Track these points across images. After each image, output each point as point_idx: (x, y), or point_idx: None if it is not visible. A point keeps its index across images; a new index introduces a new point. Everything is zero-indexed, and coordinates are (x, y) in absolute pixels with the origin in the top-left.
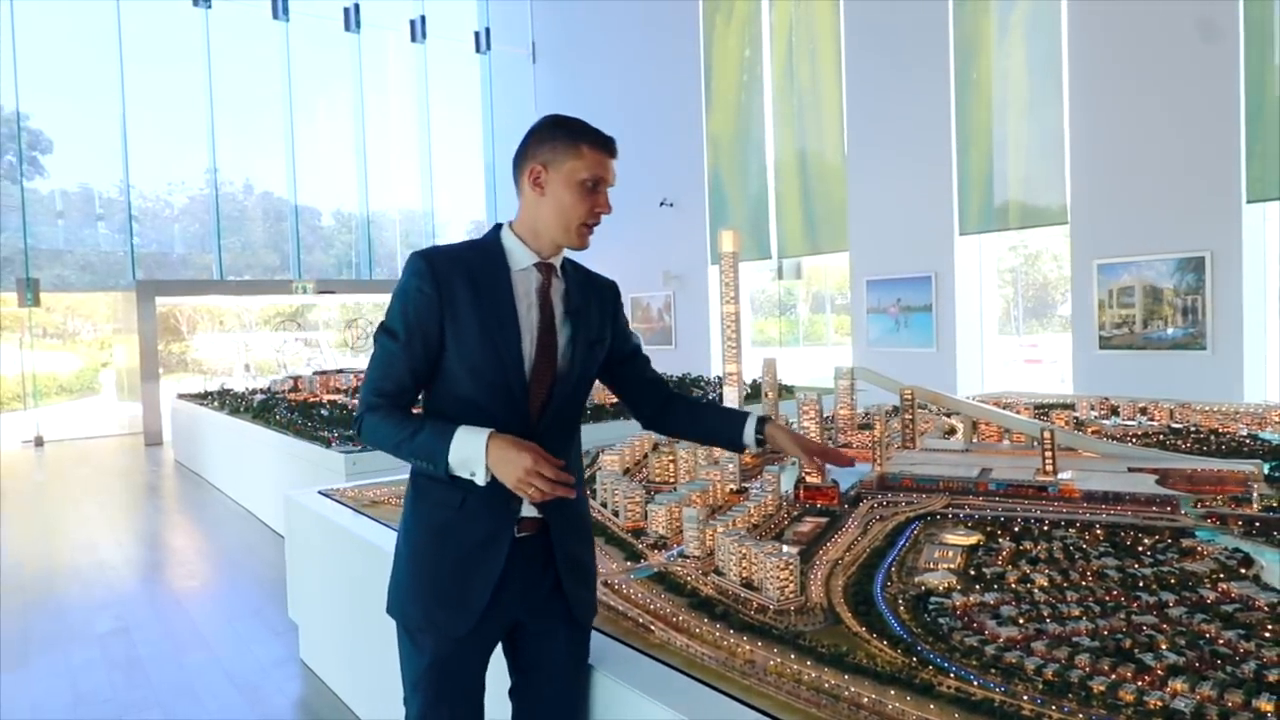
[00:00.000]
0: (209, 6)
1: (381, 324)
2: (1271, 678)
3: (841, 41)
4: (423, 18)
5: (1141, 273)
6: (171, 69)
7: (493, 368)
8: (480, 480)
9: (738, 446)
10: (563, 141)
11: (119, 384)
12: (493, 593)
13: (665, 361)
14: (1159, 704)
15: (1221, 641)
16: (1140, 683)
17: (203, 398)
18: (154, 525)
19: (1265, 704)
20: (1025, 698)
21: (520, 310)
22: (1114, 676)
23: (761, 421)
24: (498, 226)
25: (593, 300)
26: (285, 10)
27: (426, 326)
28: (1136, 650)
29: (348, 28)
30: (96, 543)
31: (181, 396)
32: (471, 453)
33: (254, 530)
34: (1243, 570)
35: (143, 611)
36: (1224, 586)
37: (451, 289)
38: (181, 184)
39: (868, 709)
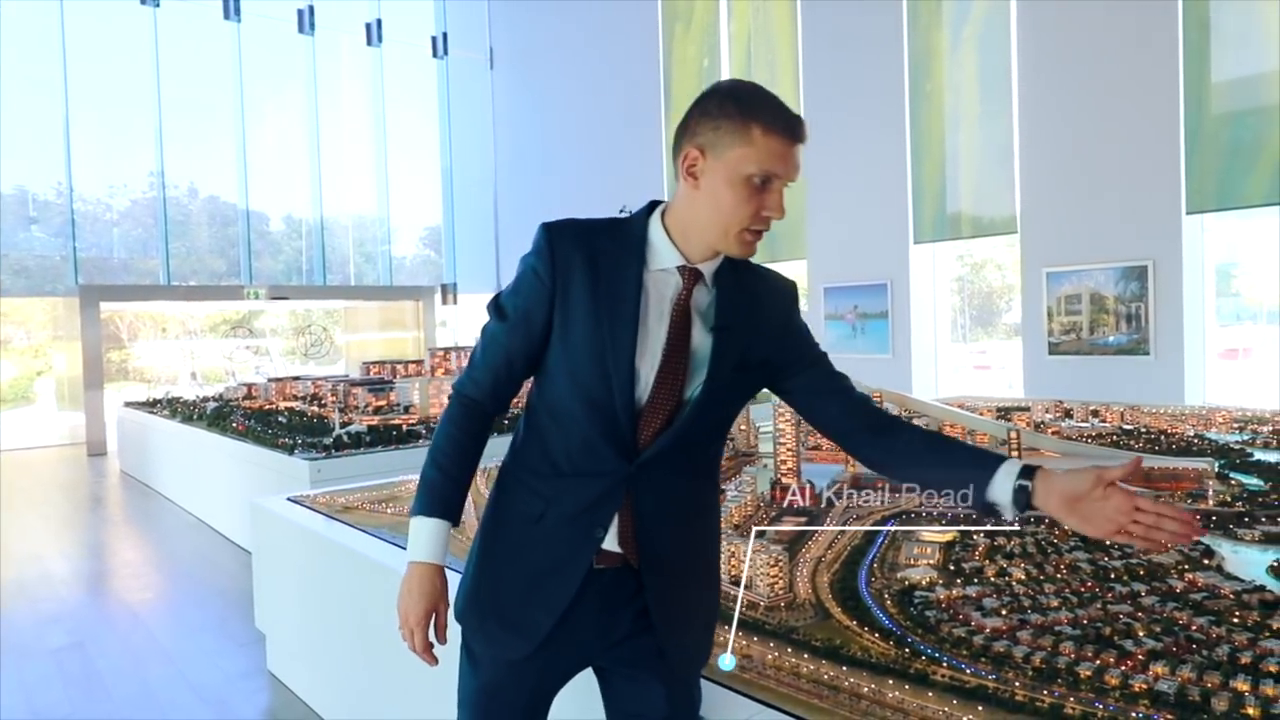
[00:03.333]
0: (157, 5)
1: (497, 296)
2: (1245, 660)
3: (799, 52)
4: (379, 21)
5: (1088, 281)
6: (117, 68)
7: (597, 383)
8: (407, 556)
9: (984, 505)
10: (731, 120)
11: (59, 393)
12: (559, 622)
13: None
14: (1143, 687)
15: (1195, 627)
16: (1124, 667)
17: (151, 406)
18: (102, 537)
19: (1241, 684)
20: (1017, 684)
21: (648, 321)
22: (1098, 662)
23: (1028, 471)
24: (653, 205)
25: (757, 313)
26: (237, 10)
27: (532, 314)
28: (1116, 637)
29: (301, 29)
30: (41, 555)
31: (129, 405)
32: (411, 544)
33: (210, 541)
34: (1205, 561)
35: (97, 626)
36: (1190, 576)
37: (568, 276)
38: (124, 187)
39: (868, 699)
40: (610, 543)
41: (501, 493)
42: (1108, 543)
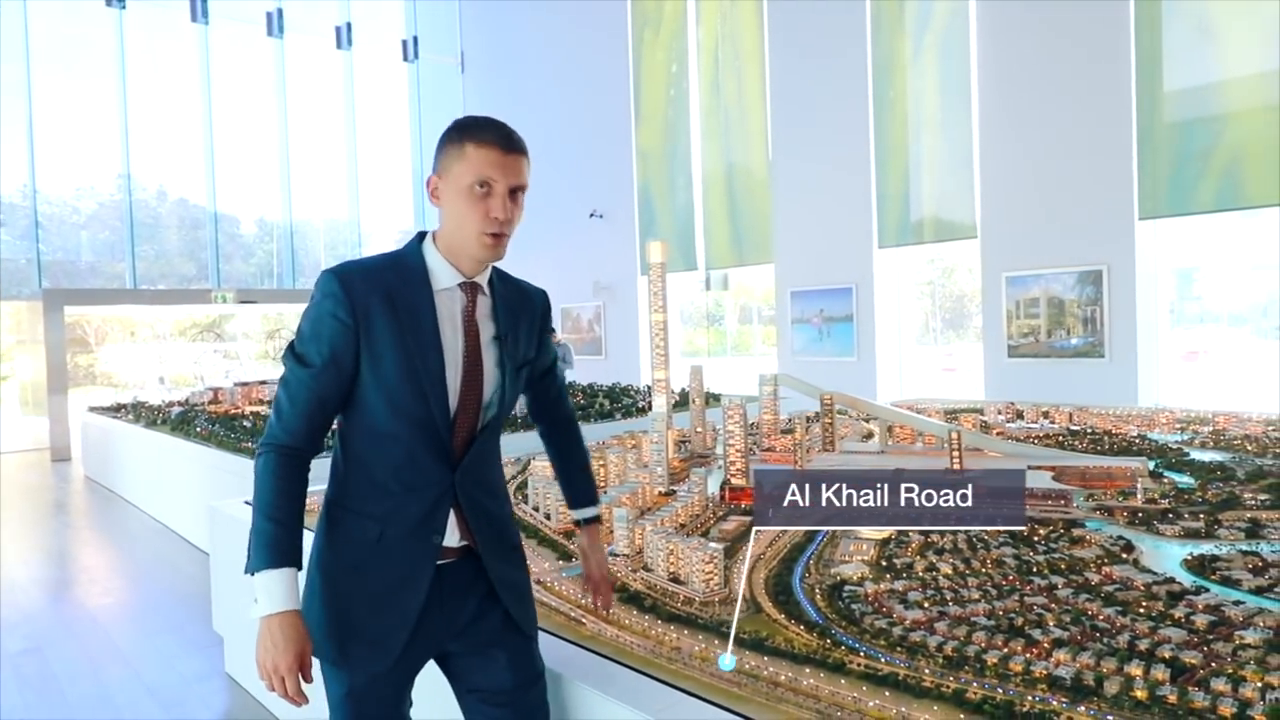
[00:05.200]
0: (123, 7)
1: (290, 346)
2: (1142, 647)
3: (765, 59)
4: (348, 25)
5: (1047, 285)
6: (82, 70)
7: (415, 402)
8: (251, 613)
9: (571, 508)
10: (452, 144)
11: (22, 398)
12: (415, 626)
13: (595, 371)
14: (1043, 672)
15: (1101, 617)
16: (1029, 655)
17: (116, 411)
18: (64, 542)
19: (1135, 669)
20: (926, 671)
21: (445, 336)
22: (1006, 650)
23: (593, 520)
24: (421, 235)
25: (522, 317)
26: (204, 13)
27: (340, 356)
28: (1027, 627)
29: (270, 33)
30: (1, 562)
31: (93, 409)
32: (262, 599)
33: (173, 545)
34: (1124, 555)
35: (55, 630)
36: (1107, 570)
37: (369, 315)
38: (90, 189)
39: (784, 686)
40: (450, 539)
41: (332, 526)
42: (1034, 540)
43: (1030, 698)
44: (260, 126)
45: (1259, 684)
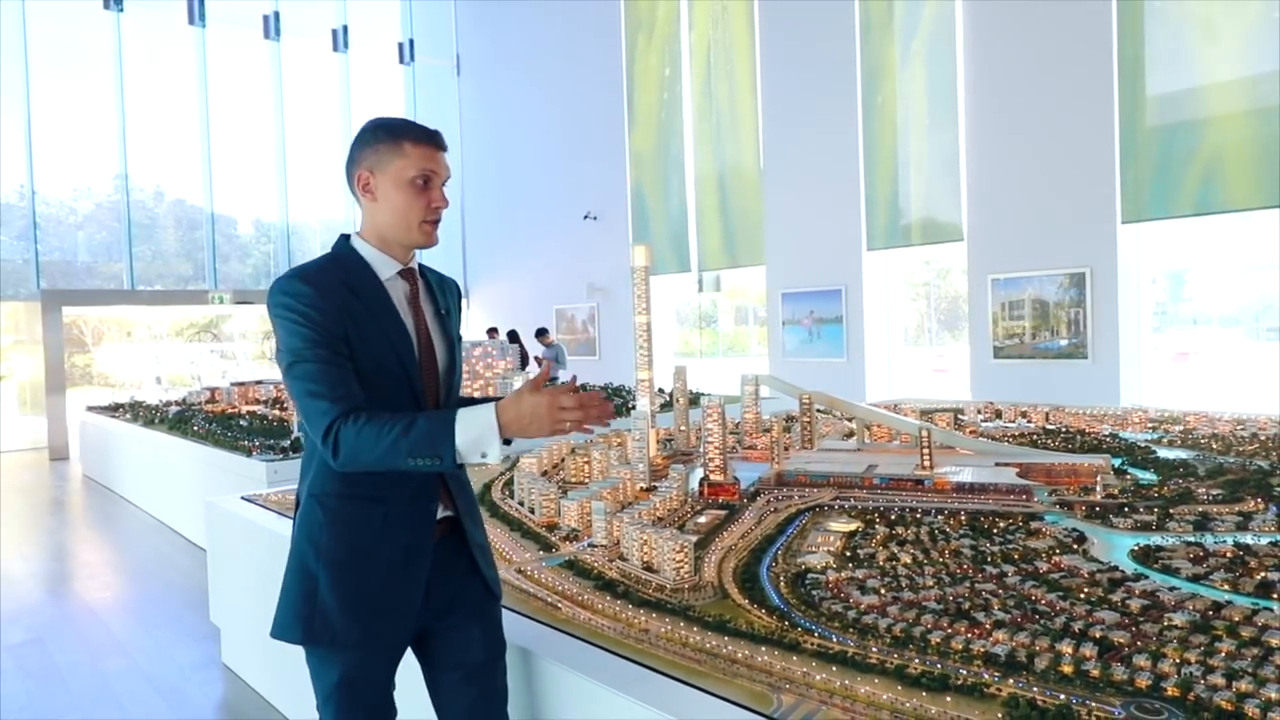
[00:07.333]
0: (121, 9)
1: (290, 360)
2: (1076, 628)
3: (757, 64)
4: (345, 27)
5: (1033, 288)
6: (80, 72)
7: (400, 378)
8: (492, 458)
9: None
10: (385, 143)
11: (20, 398)
12: (423, 594)
13: (589, 372)
14: (981, 650)
15: (1043, 602)
16: (970, 635)
17: (114, 410)
18: (62, 539)
19: (1065, 647)
20: (874, 649)
21: (401, 318)
22: (950, 631)
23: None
24: (345, 238)
25: (449, 298)
26: (202, 16)
27: (336, 336)
28: (973, 611)
29: (267, 35)
30: (1, 558)
31: (91, 409)
32: (483, 429)
33: (170, 542)
34: (1075, 546)
35: (55, 623)
36: (1056, 559)
37: (343, 302)
38: (88, 190)
39: (741, 663)
40: (441, 511)
41: (330, 518)
42: (993, 532)
43: (964, 672)
44: (257, 128)
45: (1176, 660)
